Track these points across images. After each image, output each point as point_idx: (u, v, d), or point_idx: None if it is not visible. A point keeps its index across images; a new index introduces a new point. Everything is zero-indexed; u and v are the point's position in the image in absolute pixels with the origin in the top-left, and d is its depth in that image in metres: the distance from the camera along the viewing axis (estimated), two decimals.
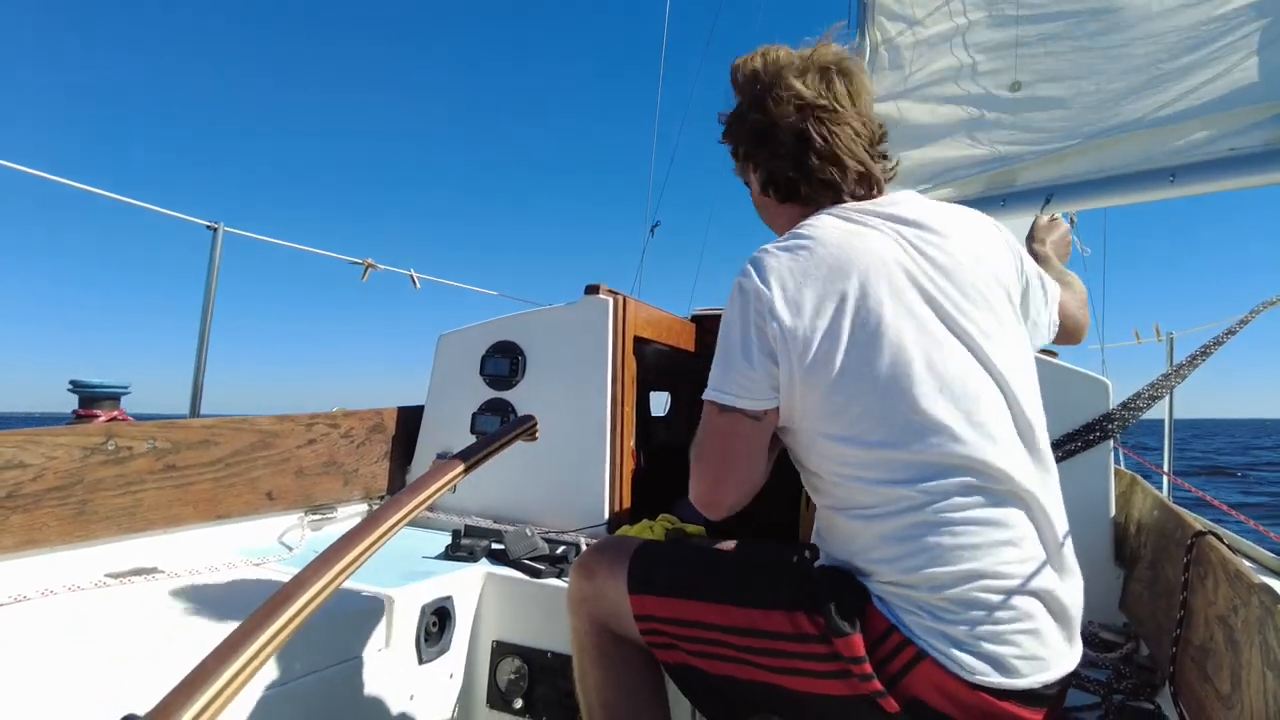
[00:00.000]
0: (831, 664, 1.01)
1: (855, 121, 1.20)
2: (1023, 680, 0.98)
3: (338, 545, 1.05)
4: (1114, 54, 2.37)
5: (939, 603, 0.99)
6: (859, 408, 1.04)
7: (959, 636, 0.98)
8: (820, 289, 1.07)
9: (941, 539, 0.99)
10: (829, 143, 1.18)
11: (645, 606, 1.17)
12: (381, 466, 2.40)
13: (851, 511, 1.06)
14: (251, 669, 0.84)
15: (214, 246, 2.54)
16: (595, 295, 2.26)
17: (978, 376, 1.05)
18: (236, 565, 1.75)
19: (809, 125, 1.18)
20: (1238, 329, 1.74)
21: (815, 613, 1.02)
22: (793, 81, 1.19)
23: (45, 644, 1.23)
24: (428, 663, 1.64)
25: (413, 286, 3.55)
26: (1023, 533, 1.02)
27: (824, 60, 1.22)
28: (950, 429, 1.01)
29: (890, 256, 1.10)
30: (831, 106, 1.19)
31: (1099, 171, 2.40)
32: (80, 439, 1.61)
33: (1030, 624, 0.99)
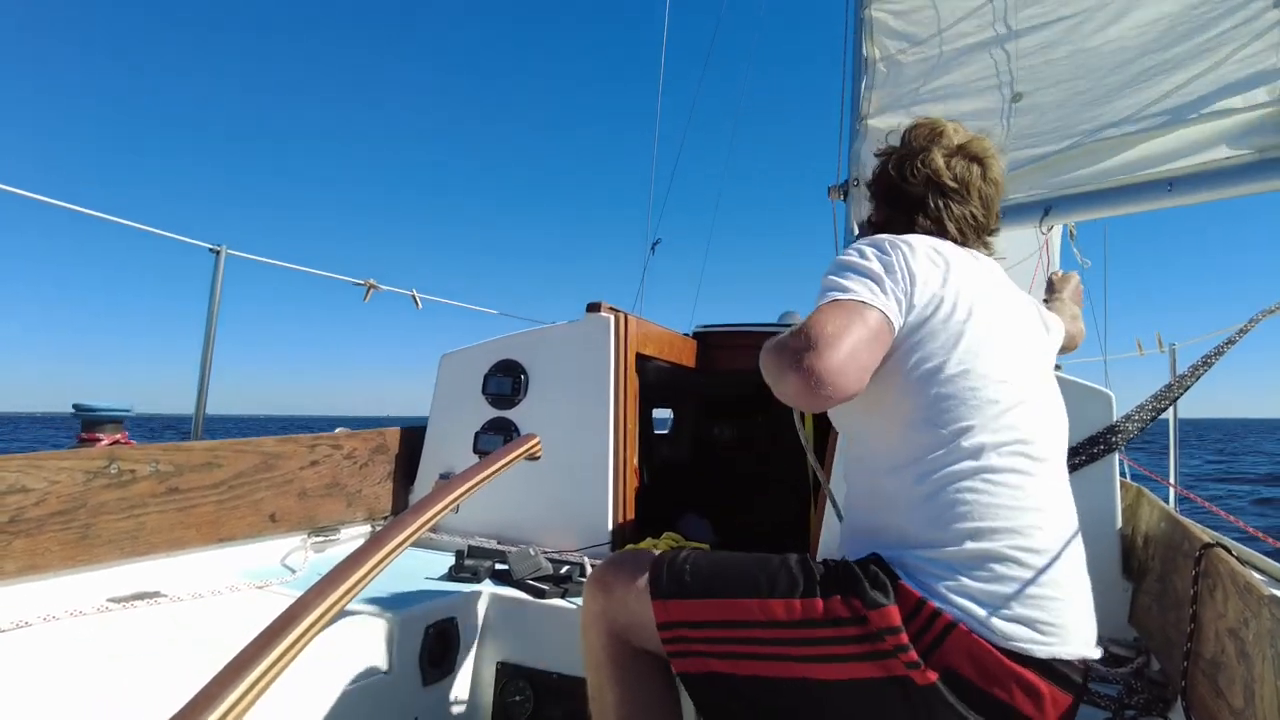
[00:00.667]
0: (865, 645, 1.04)
1: (974, 210, 1.38)
2: (1049, 645, 1.02)
3: (341, 567, 1.05)
4: (1107, 51, 2.38)
5: (969, 560, 1.04)
6: (948, 359, 1.14)
7: (990, 598, 1.03)
8: (932, 256, 1.22)
9: (978, 496, 1.07)
10: (941, 211, 1.36)
11: (669, 612, 1.16)
12: (384, 487, 2.40)
13: (898, 473, 1.14)
14: (255, 694, 0.83)
15: (216, 268, 2.55)
16: (597, 313, 2.26)
17: (1032, 382, 1.20)
18: (240, 588, 1.74)
19: (931, 195, 1.37)
20: (1238, 338, 1.74)
21: (849, 594, 1.05)
22: (934, 159, 1.37)
23: (48, 670, 1.22)
24: (432, 685, 1.63)
25: (415, 306, 3.56)
26: (1053, 508, 1.11)
27: (973, 152, 1.39)
28: (1007, 406, 1.13)
29: (978, 268, 1.29)
30: (959, 191, 1.37)
31: (1097, 182, 2.40)
32: (83, 462, 1.61)
33: (1056, 591, 1.05)
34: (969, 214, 1.37)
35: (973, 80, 2.65)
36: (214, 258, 2.56)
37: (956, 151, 1.38)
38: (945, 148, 1.38)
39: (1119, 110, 2.34)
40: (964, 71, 2.67)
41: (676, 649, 1.16)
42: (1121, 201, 2.38)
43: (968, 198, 1.37)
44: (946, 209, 1.36)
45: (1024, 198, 2.53)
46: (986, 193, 1.38)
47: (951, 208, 1.36)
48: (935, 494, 1.09)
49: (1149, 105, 2.29)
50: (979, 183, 1.37)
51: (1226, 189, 2.18)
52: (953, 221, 1.36)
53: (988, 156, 1.40)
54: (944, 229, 1.36)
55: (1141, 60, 2.31)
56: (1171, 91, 2.25)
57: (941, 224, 1.36)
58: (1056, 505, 1.13)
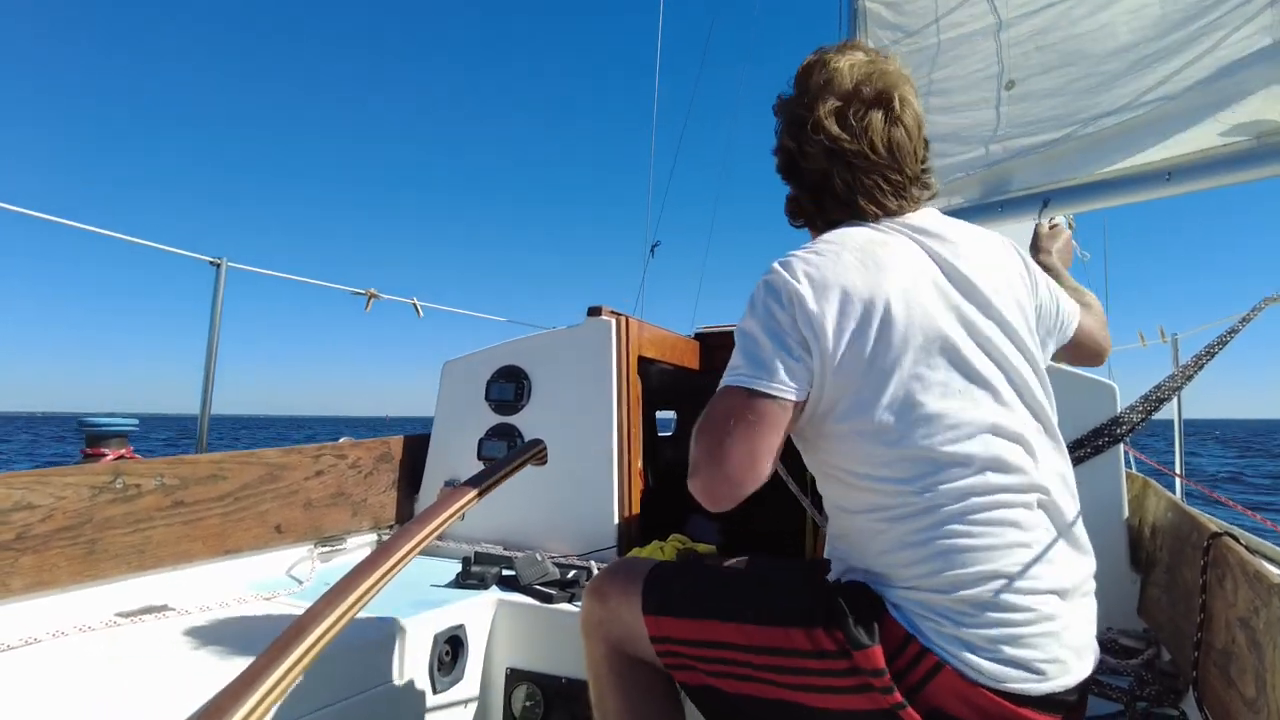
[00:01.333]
0: (851, 679, 1.01)
1: (886, 170, 1.17)
2: (1046, 684, 0.98)
3: (350, 577, 1.05)
4: (1100, 37, 2.37)
5: (958, 606, 0.99)
6: (885, 400, 1.04)
7: (978, 642, 0.97)
8: (849, 285, 1.07)
9: (960, 540, 0.99)
10: (850, 188, 1.17)
11: (661, 628, 1.15)
12: (389, 496, 2.40)
13: (871, 514, 1.06)
14: (266, 705, 0.83)
15: (217, 282, 2.55)
16: (598, 317, 2.26)
17: (998, 377, 1.08)
18: (247, 600, 1.74)
19: (834, 169, 1.17)
20: (1240, 327, 1.73)
21: (833, 628, 1.01)
22: (826, 121, 1.16)
23: (58, 686, 1.22)
24: (442, 692, 1.63)
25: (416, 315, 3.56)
26: (1041, 535, 1.02)
27: (873, 91, 1.17)
28: (972, 425, 1.03)
29: (914, 261, 1.12)
30: (862, 152, 1.16)
31: (1096, 173, 2.40)
32: (89, 478, 1.62)
33: (1050, 626, 0.99)
34: (881, 178, 1.16)
35: (968, 71, 2.65)
36: (215, 271, 2.57)
37: (852, 97, 1.16)
38: (837, 95, 1.17)
39: (1115, 98, 2.34)
40: (959, 62, 2.66)
41: (672, 661, 1.16)
42: (1120, 192, 2.37)
43: (875, 157, 1.15)
44: (855, 181, 1.16)
45: (1022, 191, 2.52)
46: (897, 138, 1.16)
47: (860, 178, 1.16)
48: (913, 543, 1.02)
49: (1144, 93, 2.28)
50: (884, 130, 1.16)
51: (1225, 177, 2.17)
52: (866, 197, 1.17)
53: (894, 89, 1.17)
54: (856, 207, 1.18)
55: (1137, 49, 2.31)
56: (1167, 78, 2.25)
57: (851, 202, 1.18)
58: (1053, 528, 1.04)
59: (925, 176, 1.24)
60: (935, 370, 1.05)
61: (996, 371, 1.08)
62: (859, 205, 1.18)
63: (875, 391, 1.04)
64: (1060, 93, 2.45)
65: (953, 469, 1.02)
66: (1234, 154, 2.15)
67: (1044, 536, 1.03)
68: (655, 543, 2.03)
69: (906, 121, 1.18)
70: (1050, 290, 1.29)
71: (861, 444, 1.06)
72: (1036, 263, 1.53)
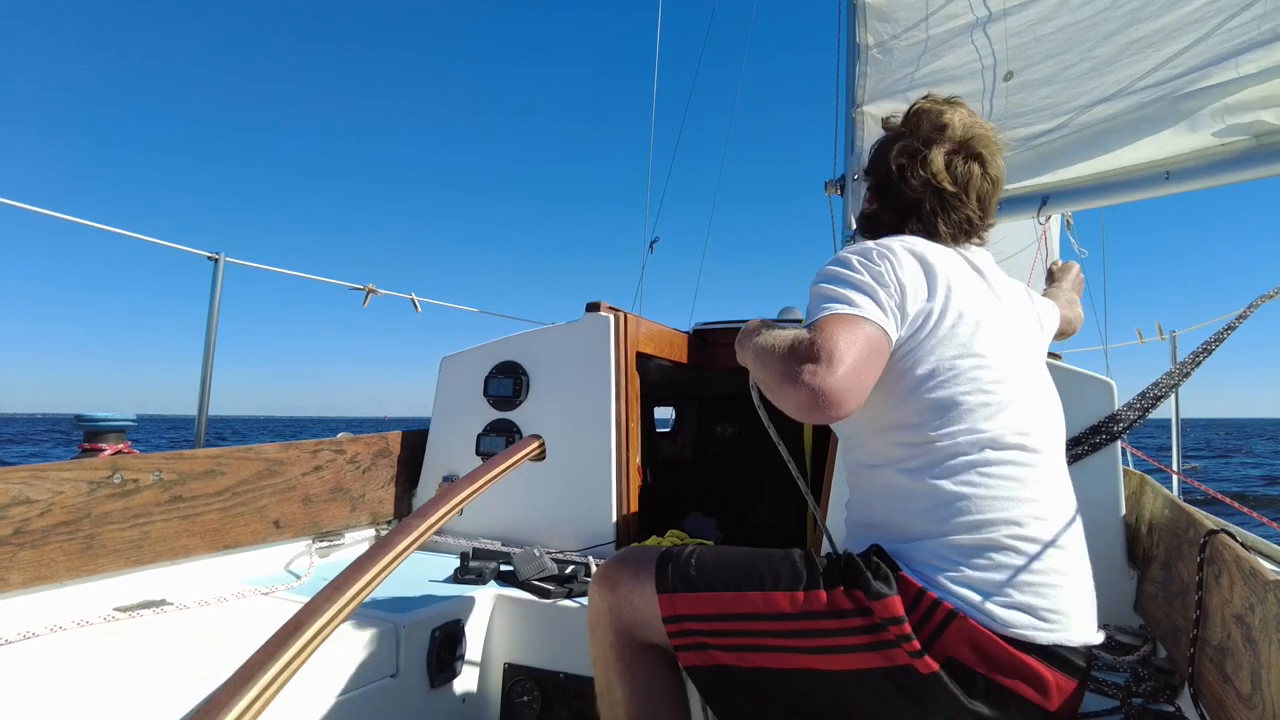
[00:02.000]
0: (869, 636, 1.05)
1: (972, 212, 1.35)
2: (1051, 634, 1.03)
3: (348, 572, 1.05)
4: (1094, 22, 2.37)
5: (969, 549, 1.06)
6: (929, 368, 1.15)
7: (989, 586, 1.04)
8: (927, 256, 1.23)
9: (977, 489, 1.09)
10: (934, 216, 1.34)
11: (676, 606, 1.18)
12: (388, 491, 2.40)
13: (892, 468, 1.16)
14: (264, 700, 0.84)
15: (215, 277, 2.55)
16: (596, 313, 2.26)
17: (1024, 373, 1.22)
18: (245, 595, 1.74)
19: (927, 200, 1.34)
20: (1237, 324, 1.74)
21: (852, 586, 1.07)
22: (935, 160, 1.33)
23: (55, 682, 1.23)
24: (439, 687, 1.63)
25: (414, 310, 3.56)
26: (1051, 498, 1.13)
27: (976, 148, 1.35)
28: (998, 391, 1.15)
29: (965, 265, 1.30)
30: (959, 195, 1.34)
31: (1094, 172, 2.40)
32: (86, 473, 1.61)
33: (1055, 578, 1.07)
34: (965, 217, 1.34)
35: (965, 62, 2.64)
36: (213, 266, 2.56)
37: (959, 149, 1.34)
38: (949, 142, 1.34)
39: (1108, 85, 2.34)
40: (955, 53, 2.66)
41: (683, 642, 1.18)
42: (1119, 191, 2.38)
43: (966, 201, 1.34)
44: (943, 213, 1.34)
45: (1021, 189, 2.52)
46: (984, 191, 1.35)
47: (949, 213, 1.34)
48: (934, 489, 1.11)
49: (1138, 79, 2.28)
50: (979, 182, 1.34)
51: (1223, 176, 2.17)
52: (947, 225, 1.34)
53: (989, 151, 1.36)
54: (935, 232, 1.34)
55: (1129, 31, 2.30)
56: (1161, 64, 2.25)
57: (934, 228, 1.34)
58: (1055, 495, 1.14)
59: (990, 222, 1.41)
60: (978, 350, 1.17)
61: (1024, 370, 1.22)
62: (939, 232, 1.34)
63: (933, 354, 1.16)
64: (1055, 80, 2.45)
65: (974, 419, 1.12)
66: (1232, 154, 2.16)
67: (1049, 495, 1.13)
68: (653, 538, 2.03)
69: (994, 176, 1.36)
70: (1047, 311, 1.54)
71: (907, 400, 1.16)
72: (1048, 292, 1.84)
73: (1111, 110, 2.33)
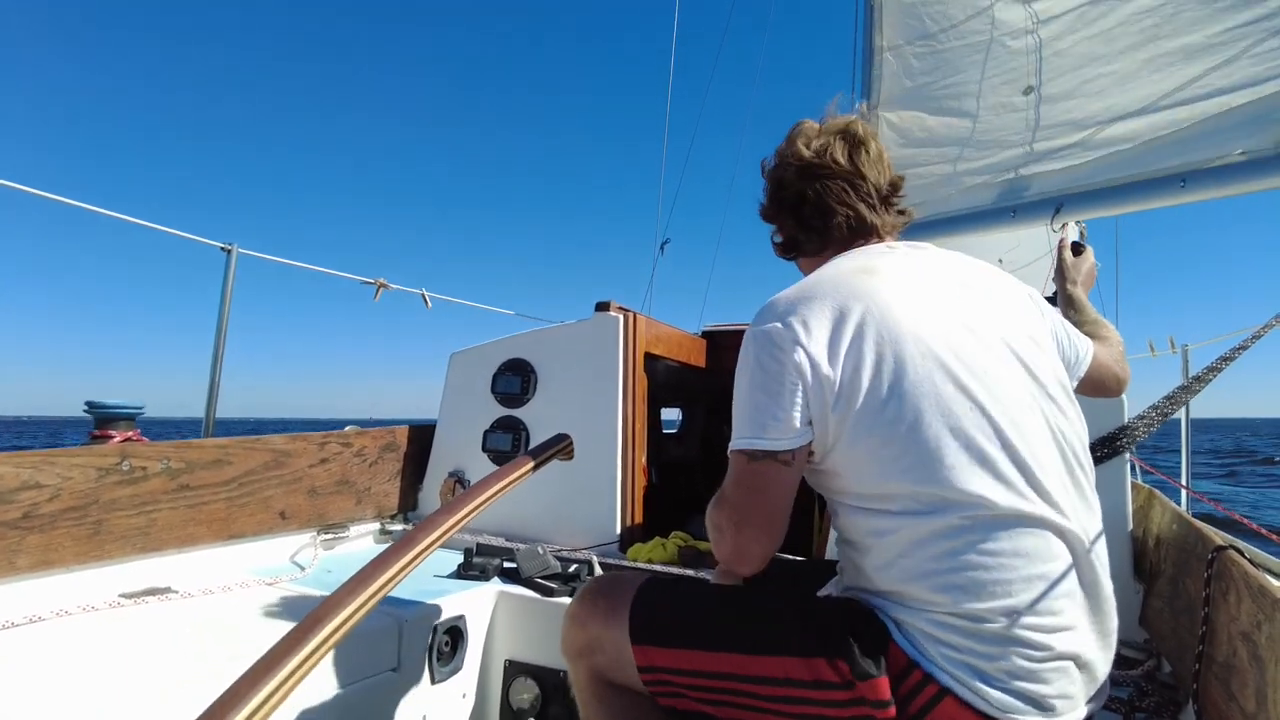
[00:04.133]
0: (852, 709, 0.98)
1: (851, 178, 1.28)
2: (1053, 718, 0.95)
3: (373, 565, 1.05)
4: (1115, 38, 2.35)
5: (970, 631, 0.96)
6: (885, 438, 1.02)
7: (989, 671, 0.95)
8: (835, 323, 1.07)
9: (976, 572, 0.96)
10: (820, 195, 1.28)
11: (650, 658, 1.10)
12: (394, 485, 2.41)
13: (878, 537, 1.04)
14: (285, 691, 0.84)
15: (228, 267, 2.56)
16: (606, 312, 2.26)
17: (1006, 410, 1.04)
18: (249, 585, 1.75)
19: (804, 183, 1.29)
20: (1250, 343, 1.72)
21: (836, 657, 0.98)
22: (799, 147, 1.31)
23: (61, 664, 1.23)
24: (440, 683, 1.63)
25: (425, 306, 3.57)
26: (1060, 567, 0.99)
27: (835, 128, 1.32)
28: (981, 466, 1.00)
29: (906, 291, 1.11)
30: (826, 165, 1.28)
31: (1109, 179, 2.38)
32: (95, 459, 1.63)
33: (1064, 662, 0.97)
34: (846, 184, 1.27)
35: (986, 75, 2.63)
36: (226, 257, 2.58)
37: (816, 134, 1.32)
38: (807, 134, 1.33)
39: (1130, 101, 2.32)
40: (974, 65, 2.65)
41: (660, 690, 1.11)
42: (1134, 198, 2.34)
43: (837, 167, 1.27)
44: (824, 188, 1.27)
45: (1035, 195, 2.51)
46: (858, 157, 1.29)
47: (827, 184, 1.27)
48: (923, 571, 0.99)
49: (1161, 98, 2.26)
50: (845, 151, 1.29)
51: (1241, 184, 2.14)
52: (833, 198, 1.27)
53: (851, 127, 1.31)
54: (830, 217, 1.27)
55: (1149, 47, 2.28)
56: (1185, 84, 2.23)
57: (826, 209, 1.27)
58: (1070, 562, 1.00)
59: (895, 198, 1.32)
60: (932, 399, 1.02)
61: (1008, 402, 1.04)
62: (831, 206, 1.27)
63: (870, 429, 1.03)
64: (1075, 95, 2.43)
65: (965, 503, 0.98)
66: (1252, 161, 2.12)
67: (1065, 568, 0.99)
68: (657, 539, 2.03)
69: (868, 148, 1.30)
70: (1061, 323, 1.30)
71: (869, 480, 1.05)
72: (1064, 291, 1.61)
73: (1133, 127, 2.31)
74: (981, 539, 0.97)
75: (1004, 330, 1.10)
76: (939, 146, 2.69)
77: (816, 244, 1.31)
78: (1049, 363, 1.13)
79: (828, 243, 1.29)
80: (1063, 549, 0.99)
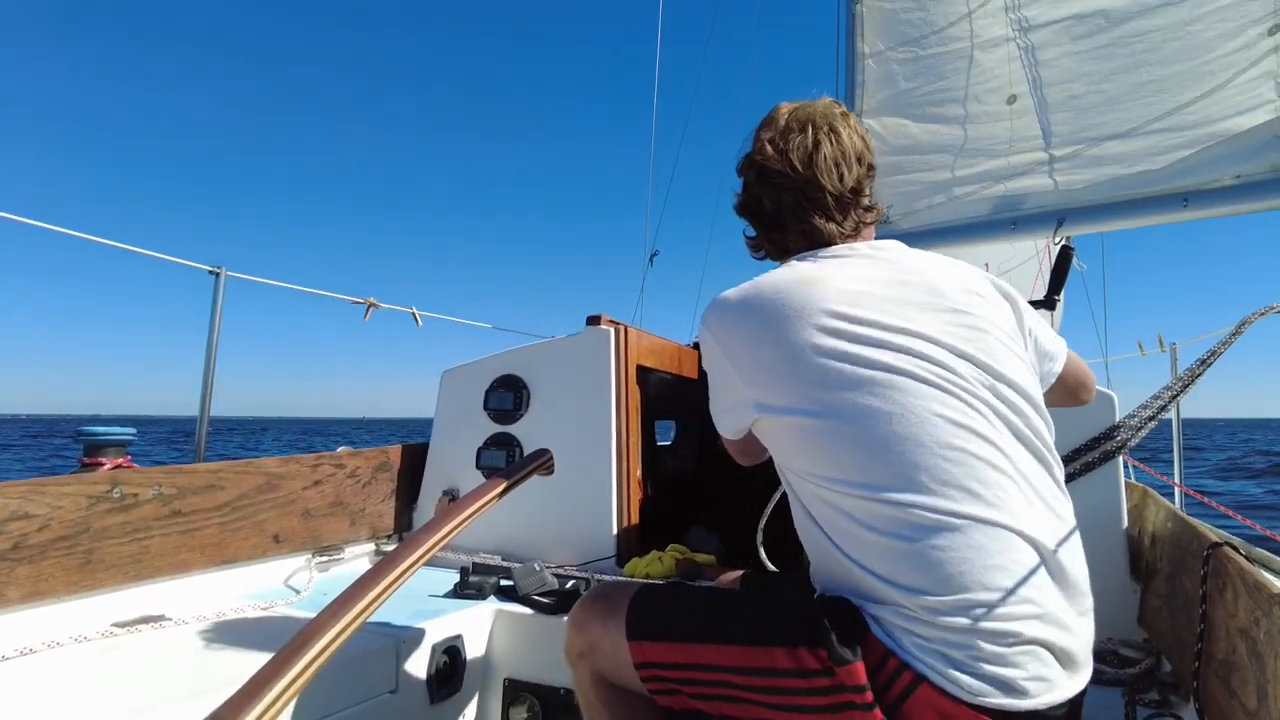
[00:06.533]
0: (834, 696, 1.01)
1: (807, 187, 1.24)
2: (1027, 702, 0.96)
3: (355, 587, 1.04)
4: (1103, 54, 2.37)
5: (937, 620, 0.98)
6: (827, 444, 1.08)
7: (958, 657, 0.97)
8: (761, 326, 1.14)
9: (941, 561, 0.98)
10: (777, 207, 1.28)
11: (645, 653, 1.15)
12: (388, 505, 2.39)
13: (836, 535, 1.08)
14: (271, 716, 0.83)
15: (216, 290, 2.55)
16: (596, 326, 2.26)
17: (972, 407, 1.05)
18: (244, 610, 1.74)
19: (762, 189, 1.29)
20: (1232, 340, 1.76)
21: (816, 646, 1.01)
22: (760, 149, 1.28)
23: (53, 698, 1.22)
24: (439, 703, 1.62)
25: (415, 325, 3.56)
26: (1020, 558, 1.00)
27: (798, 120, 1.28)
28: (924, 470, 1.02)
29: (853, 290, 1.13)
30: (783, 172, 1.25)
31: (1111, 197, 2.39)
32: (86, 487, 1.61)
33: (1033, 647, 0.98)
34: (800, 195, 1.24)
35: (970, 83, 2.65)
36: (214, 280, 2.57)
37: (784, 129, 1.27)
38: (772, 129, 1.28)
39: (1121, 121, 2.35)
40: (959, 73, 2.67)
41: (656, 687, 1.16)
42: (1136, 214, 2.36)
43: (794, 175, 1.23)
44: (779, 199, 1.26)
45: (1036, 209, 2.51)
46: (817, 158, 1.23)
47: (783, 195, 1.25)
48: (884, 563, 1.02)
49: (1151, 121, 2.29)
50: (805, 150, 1.24)
51: (1242, 204, 2.17)
52: (786, 212, 1.25)
53: (814, 118, 1.27)
54: (784, 227, 1.27)
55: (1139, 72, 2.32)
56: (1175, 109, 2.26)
57: (780, 223, 1.27)
58: (1033, 549, 1.01)
59: (860, 198, 1.28)
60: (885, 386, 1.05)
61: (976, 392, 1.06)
62: (785, 222, 1.27)
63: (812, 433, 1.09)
64: (1064, 108, 2.45)
65: (921, 505, 1.00)
66: (1252, 183, 2.16)
67: (1029, 558, 1.01)
68: (654, 553, 2.02)
69: (835, 141, 1.26)
70: (1036, 322, 1.28)
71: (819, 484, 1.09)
72: None
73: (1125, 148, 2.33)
74: (933, 535, 0.99)
75: (958, 326, 1.11)
76: (924, 154, 2.71)
77: (777, 251, 1.32)
78: (1010, 359, 1.12)
79: (785, 252, 1.30)
80: (1021, 542, 1.01)
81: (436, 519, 1.27)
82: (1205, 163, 2.21)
